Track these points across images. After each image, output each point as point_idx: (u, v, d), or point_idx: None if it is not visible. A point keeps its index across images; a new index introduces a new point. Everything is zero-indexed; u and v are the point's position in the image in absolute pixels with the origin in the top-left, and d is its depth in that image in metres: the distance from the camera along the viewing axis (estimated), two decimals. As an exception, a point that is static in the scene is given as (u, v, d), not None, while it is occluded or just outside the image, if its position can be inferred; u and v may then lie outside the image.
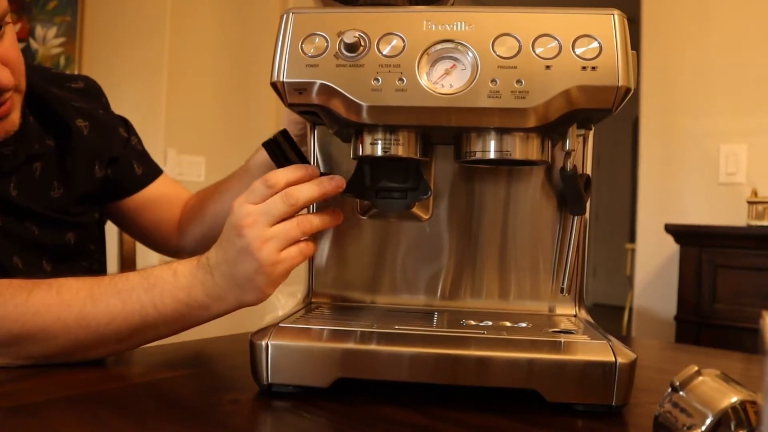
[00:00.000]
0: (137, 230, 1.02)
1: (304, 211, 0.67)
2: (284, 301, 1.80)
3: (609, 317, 4.38)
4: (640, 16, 2.36)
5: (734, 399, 0.39)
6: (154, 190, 0.99)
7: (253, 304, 0.65)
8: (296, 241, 0.63)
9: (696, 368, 0.42)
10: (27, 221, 0.81)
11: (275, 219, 0.62)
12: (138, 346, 0.69)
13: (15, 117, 0.75)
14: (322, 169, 0.74)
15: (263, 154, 0.91)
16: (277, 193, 0.62)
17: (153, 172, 1.00)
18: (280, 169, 0.64)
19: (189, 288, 0.65)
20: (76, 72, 2.55)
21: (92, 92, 0.96)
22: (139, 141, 1.00)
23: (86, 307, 0.64)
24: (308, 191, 0.63)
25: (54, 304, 0.64)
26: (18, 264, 0.79)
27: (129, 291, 0.65)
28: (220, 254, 0.64)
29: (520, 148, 0.61)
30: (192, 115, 2.65)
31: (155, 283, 0.65)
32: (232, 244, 0.63)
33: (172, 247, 1.01)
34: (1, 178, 0.79)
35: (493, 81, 0.57)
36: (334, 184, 0.64)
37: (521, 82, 0.57)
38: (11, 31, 0.73)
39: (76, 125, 0.87)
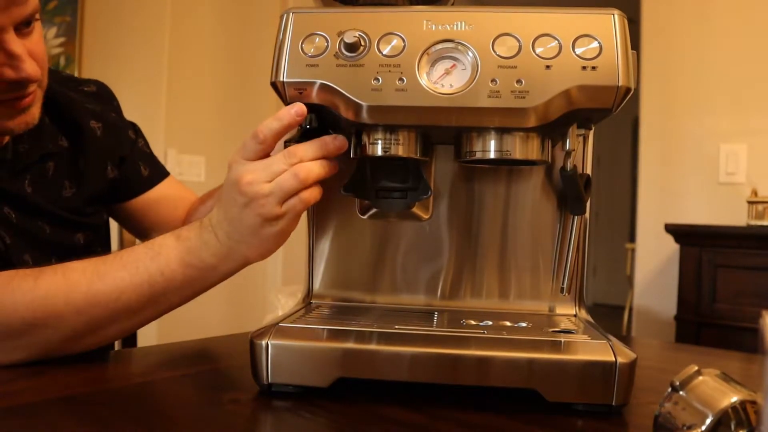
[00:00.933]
0: (142, 231, 1.02)
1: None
2: (284, 301, 1.80)
3: (609, 317, 4.38)
4: (640, 16, 2.36)
5: (734, 399, 0.39)
6: (160, 191, 1.00)
7: (259, 260, 0.66)
8: (297, 192, 0.62)
9: (696, 368, 0.42)
10: (39, 219, 0.82)
11: (275, 175, 0.61)
12: (152, 318, 0.68)
13: (35, 111, 0.76)
14: None
15: None
16: (263, 145, 0.62)
17: (159, 173, 1.01)
18: (268, 122, 0.62)
19: (195, 250, 0.65)
20: (75, 72, 2.55)
21: (104, 96, 0.97)
22: (146, 144, 1.02)
23: (94, 285, 0.64)
24: (310, 149, 0.62)
25: (62, 286, 0.64)
26: (29, 261, 0.80)
27: (135, 262, 0.66)
28: (221, 213, 0.64)
29: (520, 148, 0.61)
30: (192, 115, 2.65)
31: (160, 251, 0.66)
32: (233, 202, 0.63)
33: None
34: (16, 176, 0.80)
35: (493, 81, 0.57)
36: (337, 143, 0.64)
37: (521, 82, 0.57)
38: (39, 28, 0.74)
39: (89, 126, 0.89)
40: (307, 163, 0.62)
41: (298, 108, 0.61)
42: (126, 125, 0.98)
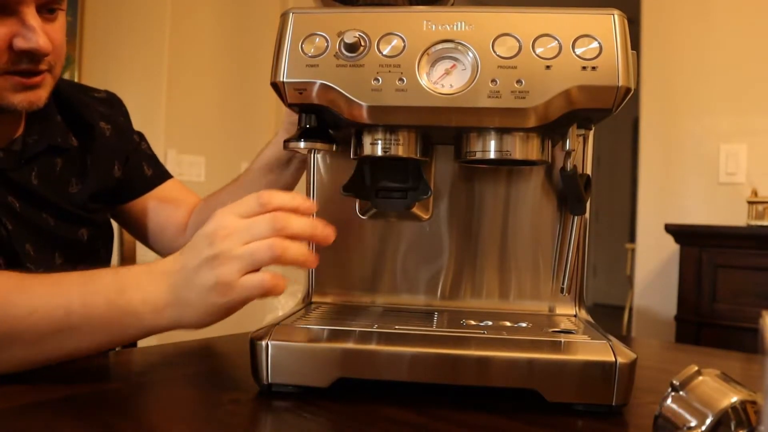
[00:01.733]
0: (143, 233, 1.01)
1: None
2: (284, 301, 1.79)
3: (609, 317, 4.38)
4: (640, 16, 2.36)
5: (734, 399, 0.39)
6: (162, 192, 1.00)
7: (188, 328, 0.58)
8: (265, 264, 0.56)
9: (696, 368, 0.42)
10: (44, 211, 0.83)
11: (253, 238, 0.56)
12: (53, 357, 0.60)
13: (42, 93, 0.76)
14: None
15: (269, 152, 0.91)
16: (262, 209, 0.57)
17: (162, 174, 1.01)
18: (278, 192, 0.58)
19: (125, 290, 0.57)
20: (76, 72, 2.55)
21: (114, 103, 0.99)
22: (149, 147, 1.03)
23: (11, 294, 0.58)
24: (299, 224, 0.57)
25: None
26: (30, 251, 0.80)
27: (65, 284, 0.59)
28: (179, 262, 0.58)
29: (520, 148, 0.61)
30: (192, 115, 2.65)
31: (92, 278, 0.59)
32: (196, 253, 0.56)
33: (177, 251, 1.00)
34: (23, 167, 0.81)
35: (493, 81, 0.57)
36: (325, 232, 0.59)
37: (521, 82, 0.57)
38: (63, 19, 0.77)
39: (99, 126, 0.91)
40: (287, 241, 0.56)
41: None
42: (132, 130, 0.99)
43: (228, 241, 0.55)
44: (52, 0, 0.73)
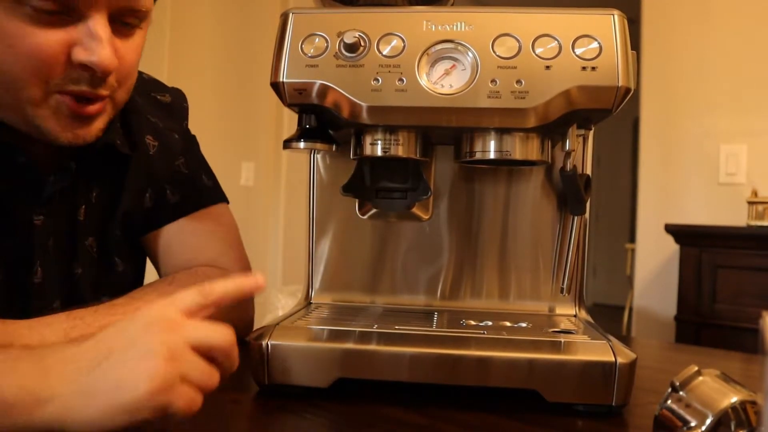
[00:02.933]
0: (161, 274, 0.80)
1: None
2: (284, 301, 1.79)
3: (609, 317, 4.38)
4: (640, 16, 2.36)
5: (734, 399, 0.39)
6: (189, 225, 0.78)
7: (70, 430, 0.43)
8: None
9: (696, 368, 0.42)
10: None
11: (201, 349, 0.45)
12: None
13: (98, 126, 0.63)
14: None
15: None
16: (206, 306, 0.47)
17: (193, 202, 0.79)
18: (222, 284, 0.49)
19: (8, 370, 0.43)
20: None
21: (176, 110, 0.82)
22: (192, 162, 0.81)
23: None
24: (233, 352, 0.48)
25: None
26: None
27: None
28: (96, 342, 0.44)
29: (520, 148, 0.61)
30: (192, 115, 2.65)
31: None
32: (127, 337, 0.44)
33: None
34: (63, 203, 0.69)
35: (493, 81, 0.57)
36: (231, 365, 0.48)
37: (521, 82, 0.57)
38: (141, 38, 0.63)
39: (144, 141, 0.75)
40: (213, 372, 0.46)
41: (259, 282, 0.49)
42: (179, 151, 0.80)
43: (176, 336, 0.44)
44: (129, 10, 0.59)
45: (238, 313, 0.77)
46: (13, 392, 0.42)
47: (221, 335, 0.46)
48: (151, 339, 0.44)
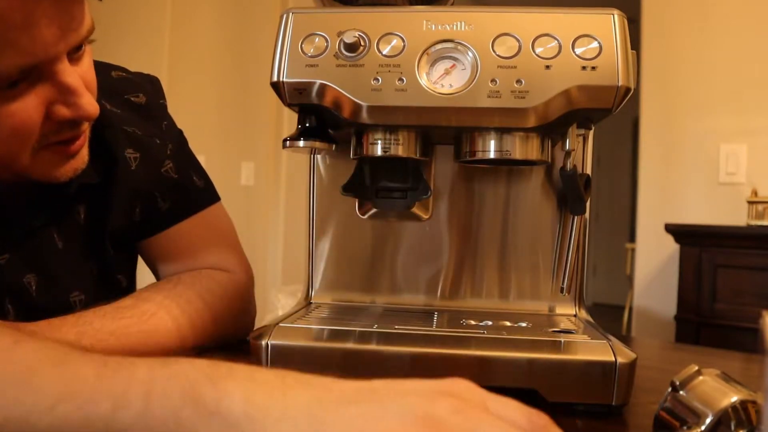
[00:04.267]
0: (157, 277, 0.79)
1: None
2: (284, 301, 1.79)
3: (609, 317, 4.38)
4: (640, 16, 2.36)
5: (734, 398, 0.39)
6: (184, 230, 0.76)
7: None
8: None
9: (696, 368, 0.42)
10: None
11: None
12: None
13: (85, 153, 0.63)
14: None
15: None
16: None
17: (186, 207, 0.76)
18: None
19: (217, 382, 0.36)
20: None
21: (153, 111, 0.78)
22: (180, 165, 0.77)
23: (30, 374, 0.37)
24: None
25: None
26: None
27: (121, 363, 0.38)
28: (370, 384, 0.38)
29: (520, 148, 0.61)
30: (192, 115, 2.65)
31: (168, 362, 0.37)
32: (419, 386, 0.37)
33: None
34: (47, 227, 0.67)
35: (493, 81, 0.57)
36: None
37: (521, 82, 0.57)
38: (90, 51, 0.61)
39: (123, 156, 0.71)
40: None
41: None
42: (164, 153, 0.76)
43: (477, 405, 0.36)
44: (83, 39, 0.56)
45: (238, 314, 0.78)
46: (240, 409, 0.34)
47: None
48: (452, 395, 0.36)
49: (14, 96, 0.53)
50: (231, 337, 0.76)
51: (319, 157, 0.76)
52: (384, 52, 0.59)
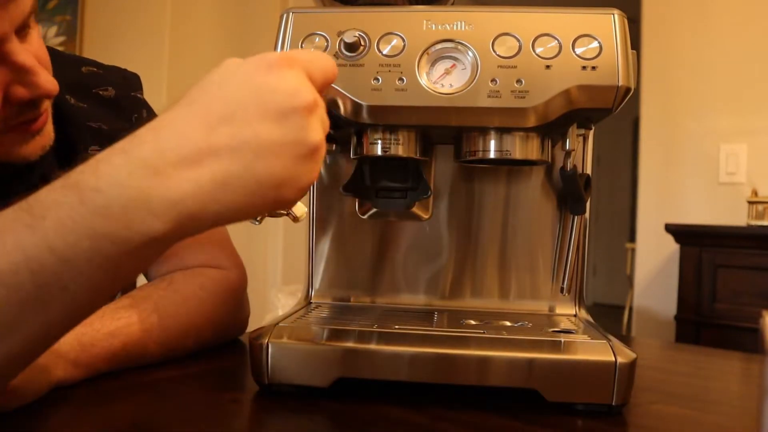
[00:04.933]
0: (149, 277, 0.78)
1: None
2: (284, 300, 1.80)
3: (609, 317, 4.38)
4: (640, 16, 2.36)
5: None
6: None
7: (290, 199, 0.40)
8: None
9: None
10: None
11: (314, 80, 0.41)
12: (39, 339, 0.40)
13: (50, 129, 0.62)
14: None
15: None
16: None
17: None
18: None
19: (118, 210, 0.36)
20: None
21: (123, 104, 0.77)
22: None
23: None
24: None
25: None
26: None
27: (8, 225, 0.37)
28: (224, 132, 0.37)
29: (520, 148, 0.61)
30: (192, 115, 2.65)
31: (44, 214, 0.37)
32: (243, 89, 0.39)
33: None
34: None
35: (493, 81, 0.57)
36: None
37: (521, 82, 0.57)
38: (36, 25, 0.59)
39: (88, 155, 0.64)
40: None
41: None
42: None
43: (310, 90, 0.40)
44: (28, 15, 0.56)
45: (233, 311, 0.78)
46: (149, 219, 0.36)
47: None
48: (292, 116, 0.38)
49: None
50: (227, 334, 0.77)
51: (319, 157, 0.76)
52: (384, 52, 0.59)
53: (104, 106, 0.75)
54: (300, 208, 0.54)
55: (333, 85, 0.58)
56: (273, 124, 0.37)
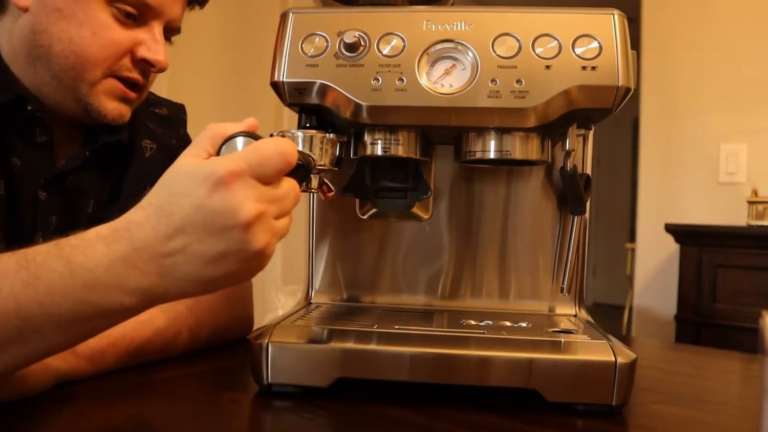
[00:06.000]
0: None
1: None
2: (284, 301, 1.79)
3: (609, 317, 4.38)
4: (640, 16, 2.36)
5: None
6: None
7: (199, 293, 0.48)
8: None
9: None
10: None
11: (266, 179, 0.46)
12: (14, 363, 0.48)
13: (129, 111, 0.75)
14: None
15: None
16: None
17: None
18: (285, 141, 0.48)
19: (101, 286, 0.45)
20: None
21: (173, 121, 0.91)
22: None
23: None
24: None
25: None
26: None
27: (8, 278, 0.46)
28: (177, 234, 0.44)
29: (520, 148, 0.61)
30: (192, 115, 2.65)
31: (39, 274, 0.45)
32: (193, 209, 0.44)
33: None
34: (80, 197, 0.74)
35: (493, 81, 0.57)
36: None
37: (521, 82, 0.57)
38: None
39: (140, 145, 0.81)
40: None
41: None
42: (175, 154, 0.82)
43: (245, 185, 0.45)
44: (174, 25, 0.74)
45: (237, 311, 0.78)
46: (122, 297, 0.46)
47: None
48: (232, 230, 0.45)
49: (123, 24, 0.70)
50: (230, 334, 0.77)
51: (319, 157, 0.76)
52: (384, 52, 0.59)
53: (158, 119, 0.88)
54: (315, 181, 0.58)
55: (333, 85, 0.59)
56: (217, 239, 0.44)
